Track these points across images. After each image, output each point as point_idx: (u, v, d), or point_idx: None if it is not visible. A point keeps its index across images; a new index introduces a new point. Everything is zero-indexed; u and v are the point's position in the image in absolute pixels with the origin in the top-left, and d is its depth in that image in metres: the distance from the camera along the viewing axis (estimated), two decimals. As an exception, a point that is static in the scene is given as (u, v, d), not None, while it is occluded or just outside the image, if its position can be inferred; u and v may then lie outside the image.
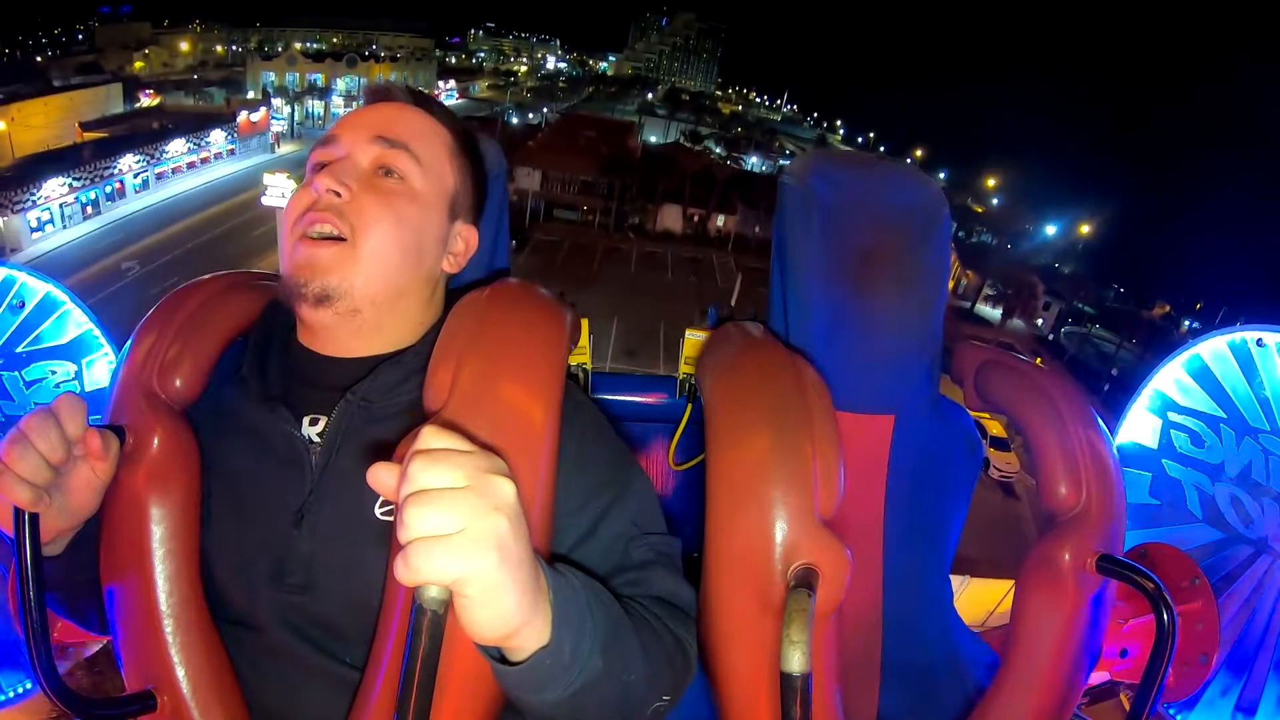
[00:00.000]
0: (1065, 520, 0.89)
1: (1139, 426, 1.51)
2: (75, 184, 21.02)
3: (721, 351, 0.90)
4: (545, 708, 0.55)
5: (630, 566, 0.72)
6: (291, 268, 0.72)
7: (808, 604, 0.64)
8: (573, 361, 1.17)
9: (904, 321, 0.98)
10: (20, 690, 1.18)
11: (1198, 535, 1.41)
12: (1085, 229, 29.15)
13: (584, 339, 1.15)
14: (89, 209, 21.49)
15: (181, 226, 21.91)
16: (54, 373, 1.30)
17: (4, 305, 1.26)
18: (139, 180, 24.30)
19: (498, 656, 0.53)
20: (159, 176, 25.48)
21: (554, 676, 0.53)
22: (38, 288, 1.28)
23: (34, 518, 0.62)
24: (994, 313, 29.36)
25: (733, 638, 0.75)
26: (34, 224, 19.97)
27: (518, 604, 0.48)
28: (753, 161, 47.14)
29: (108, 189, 22.63)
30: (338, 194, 0.73)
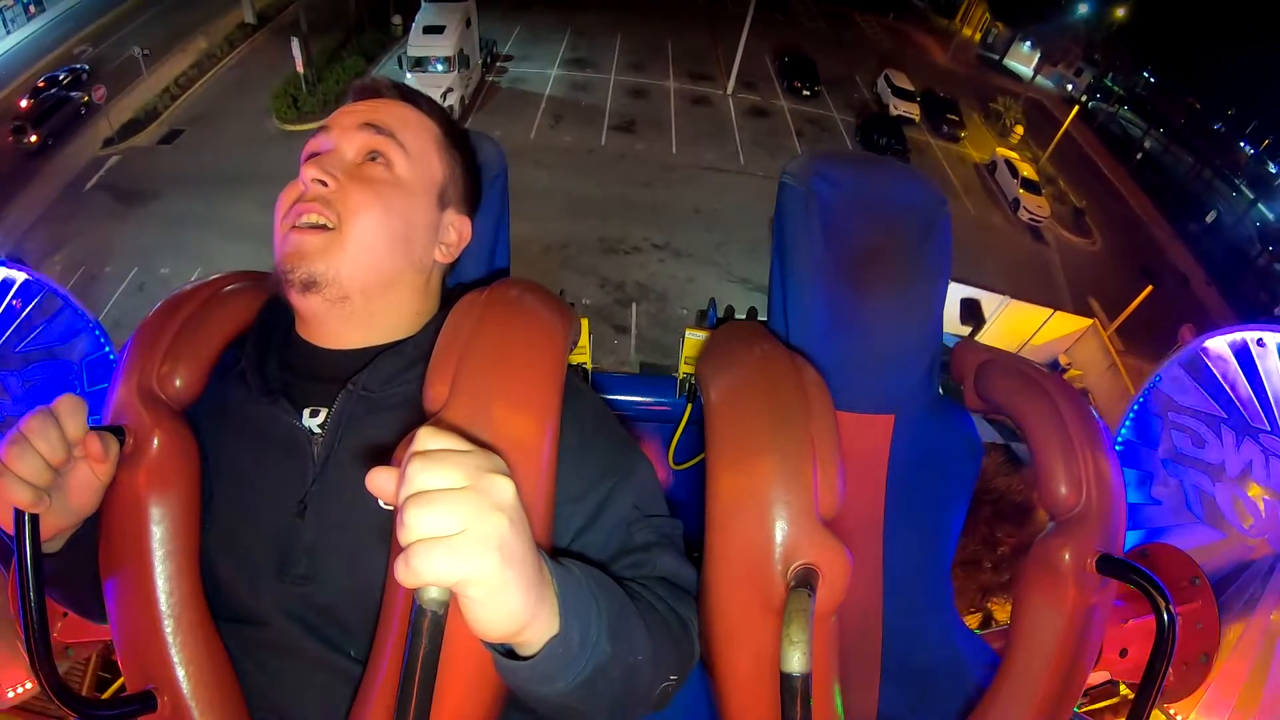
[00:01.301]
0: (1065, 520, 0.89)
1: (1139, 426, 1.51)
2: None
3: (721, 351, 0.90)
4: (556, 697, 0.56)
5: (633, 548, 0.73)
6: (280, 256, 0.74)
7: (808, 604, 0.64)
8: (573, 361, 1.17)
9: (904, 321, 0.99)
10: (20, 690, 1.18)
11: (1198, 535, 1.41)
12: (1120, 12, 26.24)
13: (584, 339, 1.15)
14: (31, 8, 19.64)
15: (132, 4, 20.37)
16: (54, 373, 1.30)
17: (4, 305, 1.26)
18: None
19: (506, 652, 0.53)
20: None
21: (565, 666, 0.54)
22: (38, 288, 1.28)
23: (34, 518, 0.62)
24: (1024, 70, 27.76)
25: (733, 637, 0.75)
26: (-27, 35, 17.92)
27: (523, 600, 0.48)
28: None
29: None
30: (324, 184, 0.74)
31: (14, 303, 1.26)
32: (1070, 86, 27.98)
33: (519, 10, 21.40)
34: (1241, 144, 26.20)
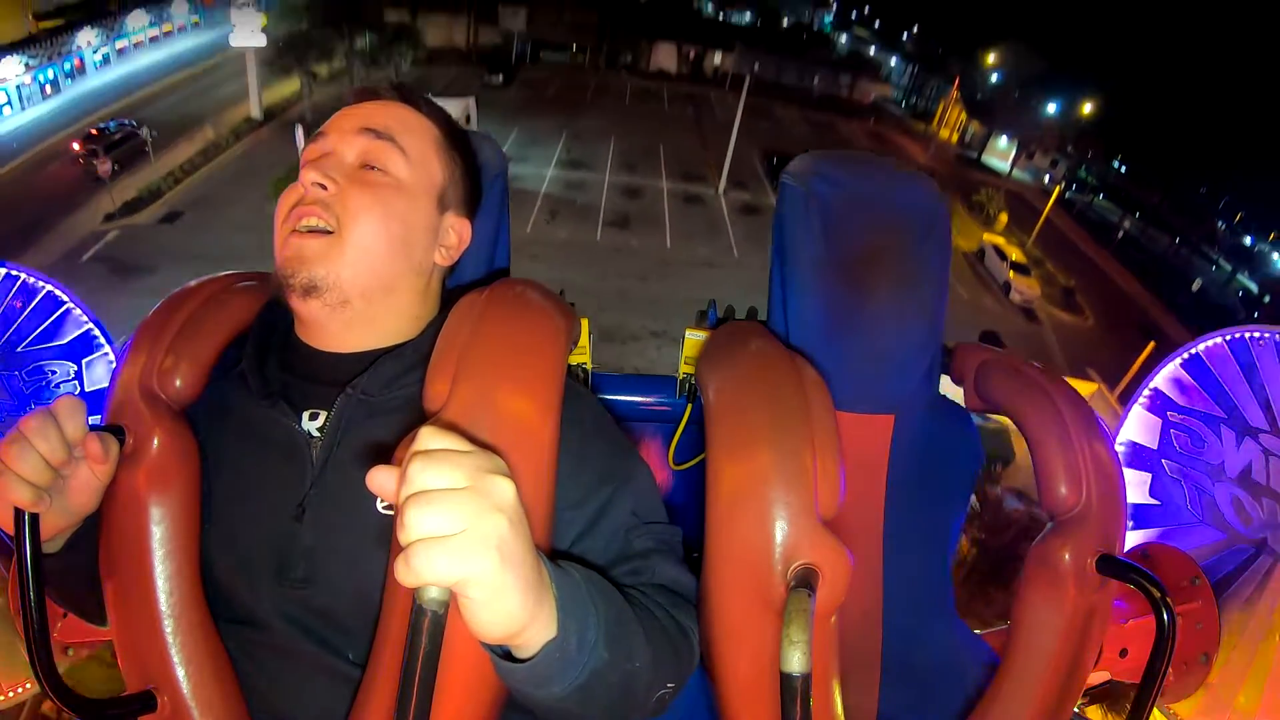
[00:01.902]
0: (1065, 520, 0.89)
1: (1139, 426, 1.51)
2: (31, 63, 20.07)
3: (721, 351, 0.90)
4: (552, 701, 0.56)
5: (632, 555, 0.72)
6: (281, 260, 0.74)
7: (808, 604, 0.64)
8: (573, 361, 1.17)
9: (904, 321, 0.98)
10: (20, 690, 1.18)
11: (1198, 535, 1.41)
12: (1087, 109, 29.20)
13: (584, 339, 1.15)
14: (48, 88, 20.71)
15: (146, 93, 21.57)
16: (54, 373, 1.30)
17: (4, 305, 1.26)
18: (99, 56, 23.31)
19: (504, 654, 0.53)
20: (120, 52, 24.37)
21: (562, 670, 0.54)
22: (38, 288, 1.28)
23: (34, 518, 0.62)
24: (1001, 165, 29.89)
25: (733, 638, 0.75)
26: (-10, 106, 18.95)
27: (521, 602, 0.48)
28: (746, 18, 45.22)
29: (67, 66, 21.63)
30: (324, 187, 0.73)
31: (14, 303, 1.26)
32: (1047, 179, 29.83)
33: (516, 115, 22.81)
34: (1219, 223, 27.32)
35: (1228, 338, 1.39)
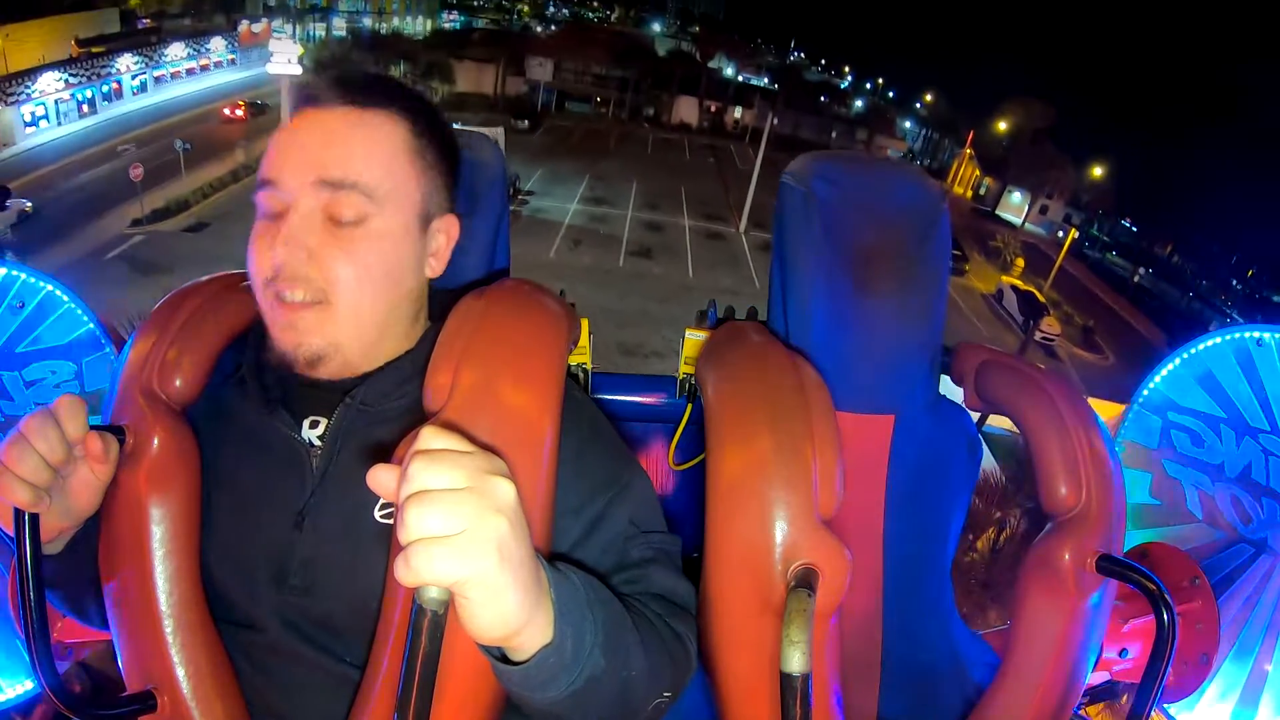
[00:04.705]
0: (1065, 520, 0.89)
1: (1139, 426, 1.51)
2: (71, 80, 20.33)
3: (721, 351, 0.90)
4: (547, 705, 0.56)
5: (629, 564, 0.72)
6: (276, 332, 0.71)
7: (808, 604, 0.65)
8: (573, 361, 1.17)
9: (904, 321, 0.98)
10: (20, 690, 1.18)
11: (1198, 535, 1.41)
12: (1097, 171, 30.47)
13: (584, 339, 1.15)
14: (85, 107, 21.11)
15: (180, 119, 21.99)
16: (54, 373, 1.30)
17: (4, 305, 1.25)
18: (137, 82, 23.87)
19: (499, 656, 0.53)
20: (157, 80, 25.09)
21: (556, 675, 0.53)
22: (38, 288, 1.28)
23: (34, 518, 0.62)
24: (1015, 219, 31.15)
25: (733, 638, 0.75)
26: (27, 118, 19.36)
27: (519, 604, 0.48)
28: (764, 81, 47.35)
29: (104, 88, 22.12)
30: (297, 255, 0.68)
31: (14, 303, 1.26)
32: (1060, 233, 31.04)
33: (541, 157, 24.22)
34: (1231, 279, 28.95)
35: (1228, 338, 1.39)
